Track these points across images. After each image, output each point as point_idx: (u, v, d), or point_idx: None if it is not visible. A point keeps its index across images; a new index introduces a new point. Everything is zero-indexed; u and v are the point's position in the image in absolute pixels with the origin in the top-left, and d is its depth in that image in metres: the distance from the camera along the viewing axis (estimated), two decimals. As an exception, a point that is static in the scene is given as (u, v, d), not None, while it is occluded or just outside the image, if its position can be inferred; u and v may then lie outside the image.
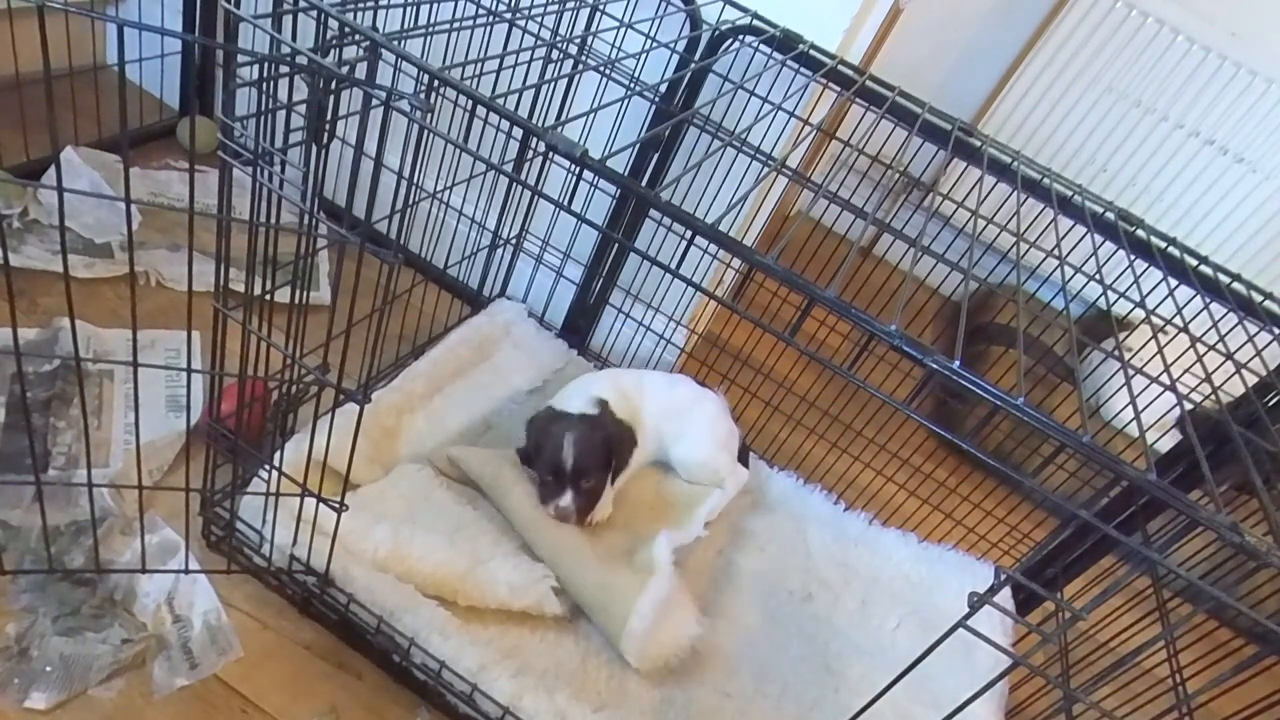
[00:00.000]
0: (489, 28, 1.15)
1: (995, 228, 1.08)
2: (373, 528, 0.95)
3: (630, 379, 1.24)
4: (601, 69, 1.19)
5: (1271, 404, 1.06)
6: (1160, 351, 0.85)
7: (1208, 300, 1.01)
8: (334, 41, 0.66)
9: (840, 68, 1.12)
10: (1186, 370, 0.91)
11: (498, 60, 1.08)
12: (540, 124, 0.65)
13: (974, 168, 1.07)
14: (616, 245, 1.35)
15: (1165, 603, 0.99)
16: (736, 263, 1.40)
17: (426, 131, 0.66)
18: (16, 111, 1.16)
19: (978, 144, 1.08)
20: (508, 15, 0.93)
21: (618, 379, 1.22)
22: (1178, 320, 0.93)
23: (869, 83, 1.10)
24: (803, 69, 1.12)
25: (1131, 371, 0.77)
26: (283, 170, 0.70)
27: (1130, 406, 0.70)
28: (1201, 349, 0.88)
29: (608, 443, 1.11)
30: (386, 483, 1.07)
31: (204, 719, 0.84)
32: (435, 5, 0.95)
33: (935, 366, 0.59)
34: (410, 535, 0.96)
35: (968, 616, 0.61)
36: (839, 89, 1.13)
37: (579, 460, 1.06)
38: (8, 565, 0.85)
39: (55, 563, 0.87)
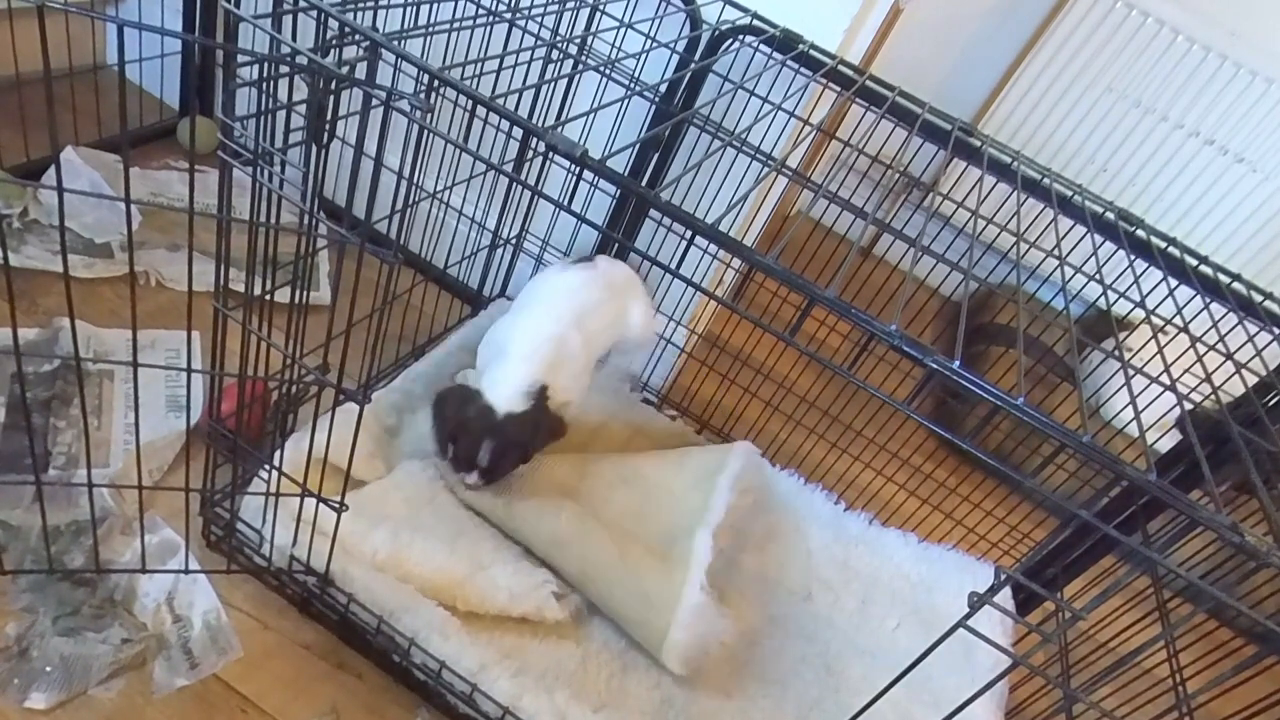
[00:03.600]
0: (489, 28, 1.15)
1: (995, 228, 1.08)
2: (372, 531, 0.95)
3: (562, 311, 1.12)
4: (601, 69, 1.19)
5: (1271, 404, 1.06)
6: (1160, 351, 0.85)
7: (1208, 300, 1.01)
8: (334, 41, 0.66)
9: (840, 68, 1.11)
10: (1186, 370, 0.90)
11: (498, 60, 1.08)
12: (540, 124, 0.65)
13: (974, 168, 1.07)
14: (616, 245, 1.35)
15: (1165, 603, 0.99)
16: (736, 263, 1.40)
17: (426, 131, 0.66)
18: (16, 111, 1.16)
19: (978, 144, 1.08)
20: (508, 15, 0.93)
21: (553, 326, 1.10)
22: (1178, 320, 0.93)
23: (869, 83, 1.10)
24: (803, 69, 1.12)
25: (1131, 371, 0.77)
26: (283, 170, 0.69)
27: (1130, 406, 0.70)
28: (1201, 349, 0.87)
29: (524, 447, 1.05)
30: (389, 483, 1.06)
31: (204, 719, 0.84)
32: (435, 5, 0.95)
33: (935, 366, 0.59)
34: (410, 540, 0.96)
35: (968, 616, 0.61)
36: (839, 89, 1.13)
37: (492, 462, 1.03)
38: (8, 565, 0.85)
39: (55, 563, 0.87)
